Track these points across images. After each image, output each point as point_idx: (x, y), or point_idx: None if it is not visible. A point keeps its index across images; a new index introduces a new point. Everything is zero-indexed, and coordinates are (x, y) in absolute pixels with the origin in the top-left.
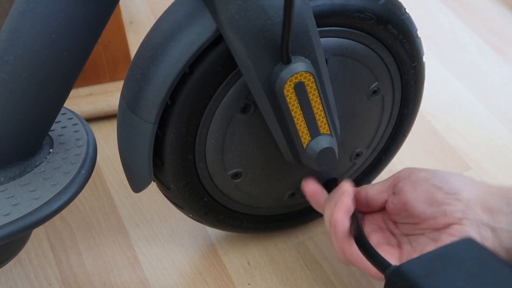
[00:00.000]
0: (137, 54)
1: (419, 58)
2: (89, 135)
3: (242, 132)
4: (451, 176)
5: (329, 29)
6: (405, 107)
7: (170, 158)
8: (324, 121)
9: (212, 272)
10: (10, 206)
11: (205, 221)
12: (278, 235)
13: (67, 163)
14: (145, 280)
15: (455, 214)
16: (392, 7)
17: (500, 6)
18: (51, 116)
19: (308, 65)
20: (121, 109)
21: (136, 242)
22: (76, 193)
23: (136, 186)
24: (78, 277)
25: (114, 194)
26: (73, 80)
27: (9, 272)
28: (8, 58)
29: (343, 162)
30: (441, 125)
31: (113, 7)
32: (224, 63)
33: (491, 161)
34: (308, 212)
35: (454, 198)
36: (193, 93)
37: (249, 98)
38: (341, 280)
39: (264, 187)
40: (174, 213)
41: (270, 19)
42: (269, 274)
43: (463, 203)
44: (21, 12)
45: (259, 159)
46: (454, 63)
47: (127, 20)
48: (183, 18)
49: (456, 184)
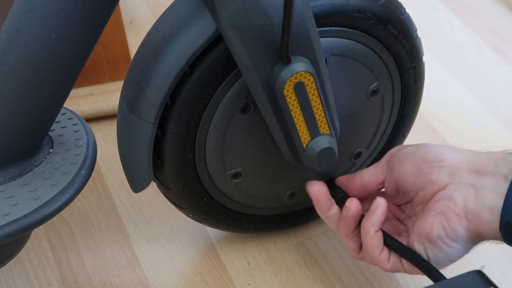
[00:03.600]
0: (137, 54)
1: (419, 58)
2: (89, 135)
3: (242, 132)
4: (436, 146)
5: (329, 29)
6: (405, 107)
7: (170, 158)
8: (324, 121)
9: (211, 272)
10: (10, 206)
11: (205, 221)
12: (278, 235)
13: (67, 163)
14: (145, 280)
15: (441, 181)
16: (392, 7)
17: (500, 6)
18: (51, 116)
19: (308, 65)
20: (121, 109)
21: (136, 242)
22: (76, 193)
23: (136, 186)
24: (78, 277)
25: (114, 194)
26: (73, 80)
27: (9, 272)
28: (8, 58)
29: (343, 162)
30: (441, 125)
31: (113, 7)
32: (224, 63)
33: None
34: (308, 212)
35: (439, 166)
36: (193, 93)
37: (249, 98)
38: (341, 280)
39: (264, 187)
40: (174, 213)
41: (270, 19)
42: (268, 274)
43: (448, 169)
44: (21, 12)
45: (259, 159)
46: (454, 63)
47: (127, 20)
48: (183, 18)
49: (440, 152)
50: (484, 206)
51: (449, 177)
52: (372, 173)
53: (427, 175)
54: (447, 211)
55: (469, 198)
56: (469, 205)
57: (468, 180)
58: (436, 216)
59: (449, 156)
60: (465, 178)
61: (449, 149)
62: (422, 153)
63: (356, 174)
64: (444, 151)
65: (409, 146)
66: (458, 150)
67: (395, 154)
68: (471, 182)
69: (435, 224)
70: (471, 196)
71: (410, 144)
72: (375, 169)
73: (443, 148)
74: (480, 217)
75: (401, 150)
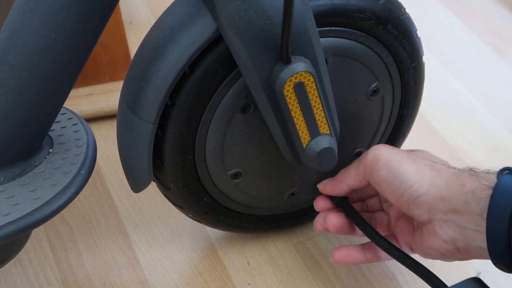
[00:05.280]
0: (137, 54)
1: (419, 58)
2: (89, 135)
3: (242, 132)
4: (410, 176)
5: (329, 29)
6: (405, 107)
7: (170, 158)
8: (323, 121)
9: (211, 272)
10: (10, 206)
11: (204, 221)
12: (278, 235)
13: (67, 163)
14: (145, 280)
15: (423, 217)
16: (392, 7)
17: (500, 6)
18: (51, 116)
19: (308, 65)
20: (121, 109)
21: (135, 242)
22: (76, 193)
23: (136, 186)
24: (78, 277)
25: (114, 194)
26: (73, 80)
27: (9, 272)
28: (7, 58)
29: (343, 162)
30: (441, 125)
31: (113, 7)
32: (224, 63)
33: (490, 161)
34: (308, 212)
35: (416, 203)
36: (193, 93)
37: (249, 98)
38: (340, 280)
39: (264, 187)
40: (174, 213)
41: (270, 19)
42: (268, 274)
43: (426, 206)
44: (21, 12)
45: (259, 159)
46: (454, 63)
47: (127, 20)
48: (183, 18)
49: (414, 187)
50: (473, 245)
51: (429, 214)
52: (355, 180)
53: (408, 210)
54: (440, 249)
55: (457, 239)
56: (459, 245)
57: (449, 217)
58: (431, 249)
59: (422, 191)
60: (445, 215)
61: (421, 179)
62: (397, 186)
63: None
64: (417, 185)
65: (382, 168)
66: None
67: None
68: (452, 219)
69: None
70: (458, 236)
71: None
72: (355, 176)
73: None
74: (472, 253)
75: (375, 170)
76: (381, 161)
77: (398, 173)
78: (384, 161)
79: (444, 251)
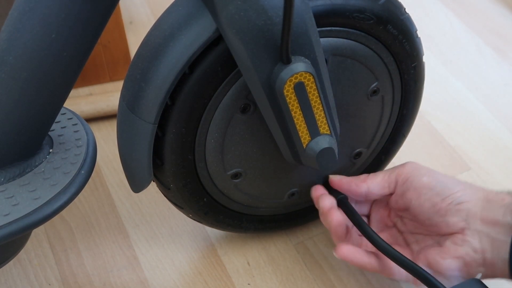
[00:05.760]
0: (137, 54)
1: (419, 58)
2: (89, 135)
3: (242, 132)
4: (454, 185)
5: (329, 29)
6: (405, 107)
7: (170, 158)
8: (324, 121)
9: (211, 272)
10: (10, 206)
11: (204, 221)
12: (278, 235)
13: (67, 163)
14: (145, 280)
15: (458, 225)
16: (392, 7)
17: (500, 6)
18: (51, 116)
19: (308, 65)
20: (121, 109)
21: (135, 242)
22: (76, 193)
23: (136, 186)
24: (78, 277)
25: (114, 194)
26: (73, 80)
27: (9, 272)
28: (7, 58)
29: (343, 162)
30: (441, 125)
31: (113, 7)
32: (224, 63)
33: (490, 161)
34: (308, 212)
35: (456, 209)
36: (193, 93)
37: (249, 98)
38: (341, 280)
39: (264, 187)
40: (174, 213)
41: (270, 19)
42: (268, 274)
43: (464, 213)
44: (21, 12)
45: (259, 159)
46: (454, 63)
47: (127, 20)
48: (183, 18)
49: (458, 194)
50: (499, 258)
51: (465, 222)
52: (379, 186)
53: (444, 216)
54: (467, 258)
55: (487, 250)
56: (487, 256)
57: (484, 229)
58: (455, 259)
59: (466, 198)
60: (480, 226)
61: (465, 190)
62: (440, 190)
63: (362, 183)
64: (461, 193)
65: (425, 175)
66: (473, 191)
67: (409, 178)
68: (486, 231)
69: (453, 265)
70: (488, 247)
71: (424, 170)
72: (382, 181)
73: (460, 188)
74: (496, 266)
75: (416, 177)
76: (422, 170)
77: (444, 180)
78: (426, 170)
79: (470, 260)
